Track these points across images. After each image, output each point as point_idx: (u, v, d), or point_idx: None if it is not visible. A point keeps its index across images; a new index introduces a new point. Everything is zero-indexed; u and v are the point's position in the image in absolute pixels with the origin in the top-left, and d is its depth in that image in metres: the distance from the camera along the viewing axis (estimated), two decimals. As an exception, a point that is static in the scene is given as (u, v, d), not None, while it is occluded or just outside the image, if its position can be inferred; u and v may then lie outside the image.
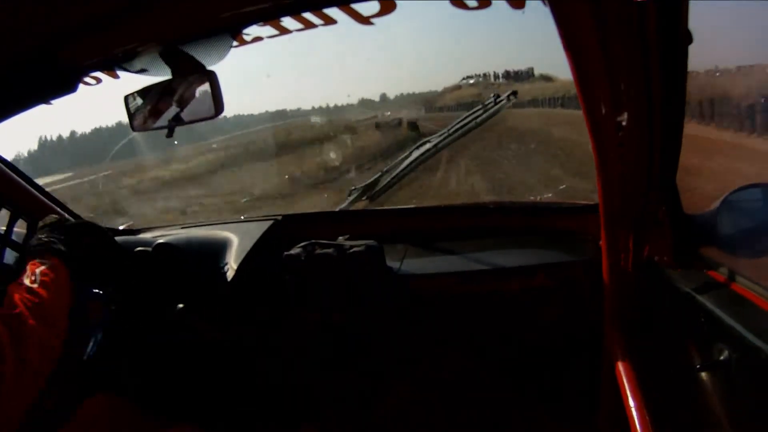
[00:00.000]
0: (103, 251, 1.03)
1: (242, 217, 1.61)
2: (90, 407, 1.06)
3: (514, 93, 1.59)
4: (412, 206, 1.74)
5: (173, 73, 0.88)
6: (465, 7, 0.74)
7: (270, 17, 0.80)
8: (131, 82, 0.93)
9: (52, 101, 0.90)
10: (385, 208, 1.64)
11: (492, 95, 1.66)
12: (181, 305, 1.17)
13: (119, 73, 0.92)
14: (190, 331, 1.26)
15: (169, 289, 1.20)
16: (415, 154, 1.52)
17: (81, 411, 1.04)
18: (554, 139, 7.14)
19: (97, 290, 1.07)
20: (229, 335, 1.29)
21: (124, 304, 1.15)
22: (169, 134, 0.96)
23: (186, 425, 1.13)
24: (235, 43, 0.84)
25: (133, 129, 1.00)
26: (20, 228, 1.19)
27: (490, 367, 1.32)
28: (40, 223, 0.99)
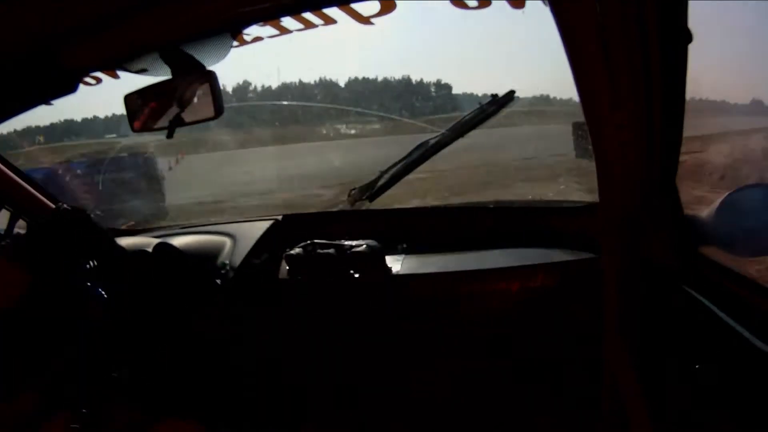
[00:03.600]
0: (93, 241, 1.03)
1: (242, 218, 1.62)
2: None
3: (513, 92, 1.59)
4: (412, 206, 1.75)
5: (173, 73, 0.88)
6: (465, 6, 0.75)
7: (270, 17, 0.80)
8: (131, 82, 0.93)
9: (53, 101, 0.90)
10: (385, 208, 1.64)
11: (491, 95, 1.67)
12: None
13: (119, 73, 0.92)
14: (189, 331, 1.26)
15: (168, 289, 1.20)
16: (415, 154, 1.52)
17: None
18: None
19: (95, 290, 1.07)
20: (229, 335, 1.29)
21: (123, 303, 1.14)
22: (170, 135, 0.96)
23: (186, 422, 1.13)
24: (235, 43, 0.84)
25: (133, 129, 1.00)
26: (20, 228, 1.20)
27: (489, 366, 1.32)
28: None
